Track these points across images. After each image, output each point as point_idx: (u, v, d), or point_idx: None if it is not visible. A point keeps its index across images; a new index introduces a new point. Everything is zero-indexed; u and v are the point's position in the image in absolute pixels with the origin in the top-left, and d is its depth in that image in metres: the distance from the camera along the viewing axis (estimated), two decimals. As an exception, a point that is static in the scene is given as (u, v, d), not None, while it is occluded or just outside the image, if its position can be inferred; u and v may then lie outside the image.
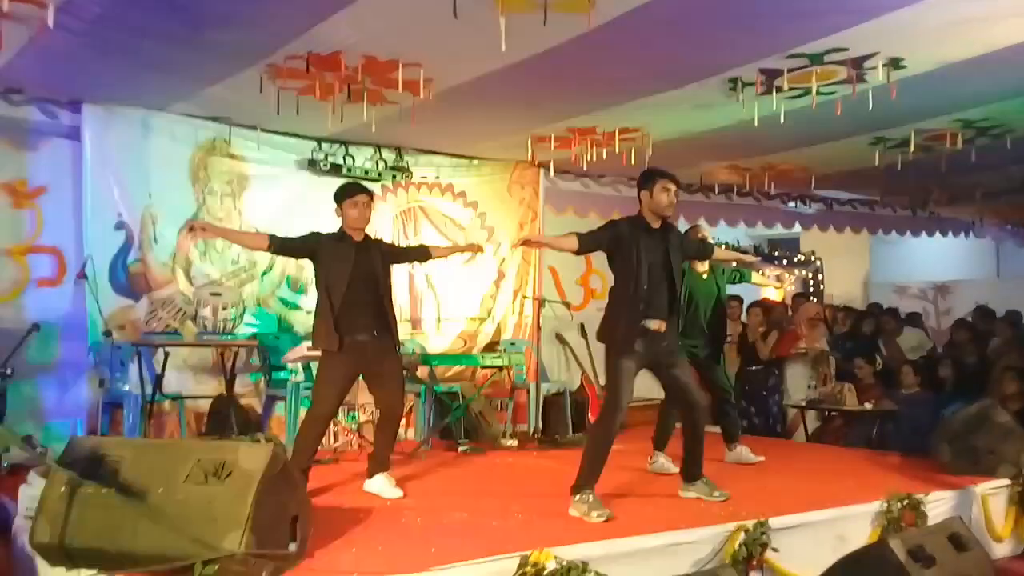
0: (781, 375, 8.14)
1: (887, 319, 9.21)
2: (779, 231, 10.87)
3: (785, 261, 11.67)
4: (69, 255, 6.34)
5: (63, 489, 3.33)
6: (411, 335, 7.80)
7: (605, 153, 7.46)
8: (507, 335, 8.37)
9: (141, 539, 3.18)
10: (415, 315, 7.97)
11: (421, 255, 5.49)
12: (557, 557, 3.40)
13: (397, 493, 4.84)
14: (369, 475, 4.96)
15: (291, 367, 6.43)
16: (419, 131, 6.92)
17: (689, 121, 6.80)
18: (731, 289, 6.41)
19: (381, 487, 4.88)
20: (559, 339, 8.43)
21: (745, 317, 8.30)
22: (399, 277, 7.46)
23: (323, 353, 4.89)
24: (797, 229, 10.90)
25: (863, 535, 4.56)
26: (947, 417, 5.88)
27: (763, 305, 8.47)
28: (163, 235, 6.66)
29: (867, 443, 7.15)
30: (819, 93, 5.79)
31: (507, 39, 4.46)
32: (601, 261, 4.87)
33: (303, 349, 5.94)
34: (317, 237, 4.98)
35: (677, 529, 4.07)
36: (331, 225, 5.13)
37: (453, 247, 6.95)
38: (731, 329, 8.02)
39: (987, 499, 5.19)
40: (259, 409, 6.87)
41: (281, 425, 6.61)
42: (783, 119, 6.12)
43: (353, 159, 7.53)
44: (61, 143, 6.32)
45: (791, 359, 8.14)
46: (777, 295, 10.44)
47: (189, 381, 6.60)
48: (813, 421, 8.03)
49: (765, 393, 8.00)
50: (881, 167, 7.92)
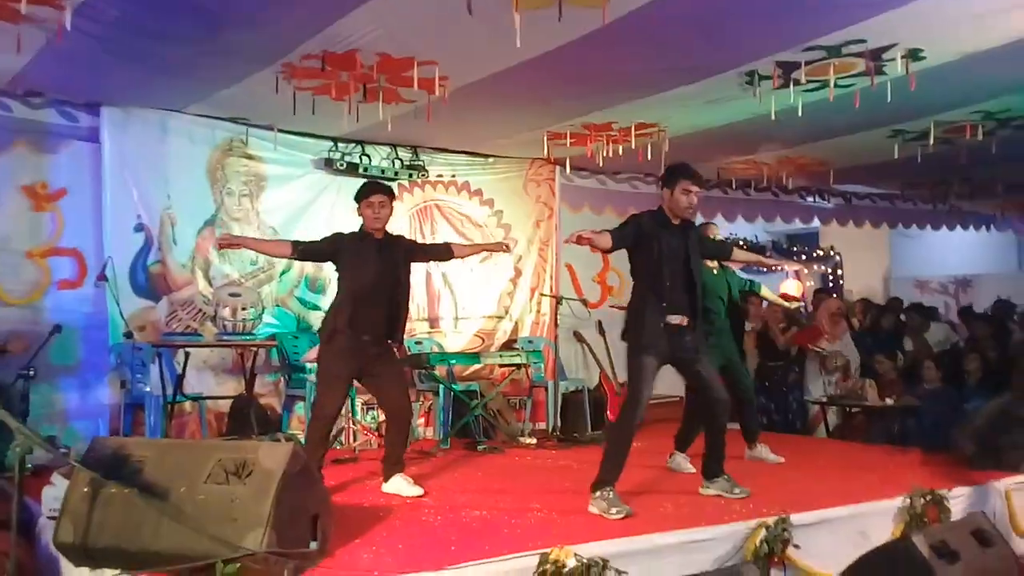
0: (801, 371, 8.09)
1: (912, 314, 9.12)
2: (797, 226, 10.80)
3: (804, 256, 11.60)
4: (89, 257, 6.39)
5: (86, 489, 3.35)
6: (429, 334, 7.81)
7: (621, 149, 7.44)
8: (525, 333, 8.37)
9: (163, 538, 3.19)
10: (433, 313, 7.98)
11: (444, 253, 5.48)
12: (577, 555, 3.39)
13: (417, 491, 4.84)
14: (385, 477, 4.97)
15: (310, 367, 6.45)
16: (434, 129, 6.92)
17: (706, 116, 6.77)
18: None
19: (400, 486, 4.88)
20: (577, 337, 8.42)
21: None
22: (416, 275, 7.47)
23: (322, 351, 4.91)
24: (816, 224, 10.83)
25: (886, 531, 4.52)
26: (970, 412, 5.82)
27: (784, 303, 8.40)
28: (182, 236, 6.71)
29: (889, 439, 7.10)
30: (837, 86, 5.75)
31: (522, 36, 4.45)
32: (618, 259, 4.86)
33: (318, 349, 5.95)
34: (338, 237, 5.01)
35: (698, 526, 4.06)
36: (348, 224, 5.14)
37: (477, 245, 6.93)
38: (748, 325, 8.00)
39: (1011, 494, 5.13)
40: (279, 409, 6.89)
41: (301, 424, 6.63)
42: (800, 112, 6.08)
43: (369, 158, 7.54)
44: (81, 145, 6.37)
45: (812, 355, 8.08)
46: (795, 291, 10.37)
47: (209, 381, 6.64)
48: (834, 417, 7.97)
49: (785, 389, 7.96)
50: (900, 160, 7.85)
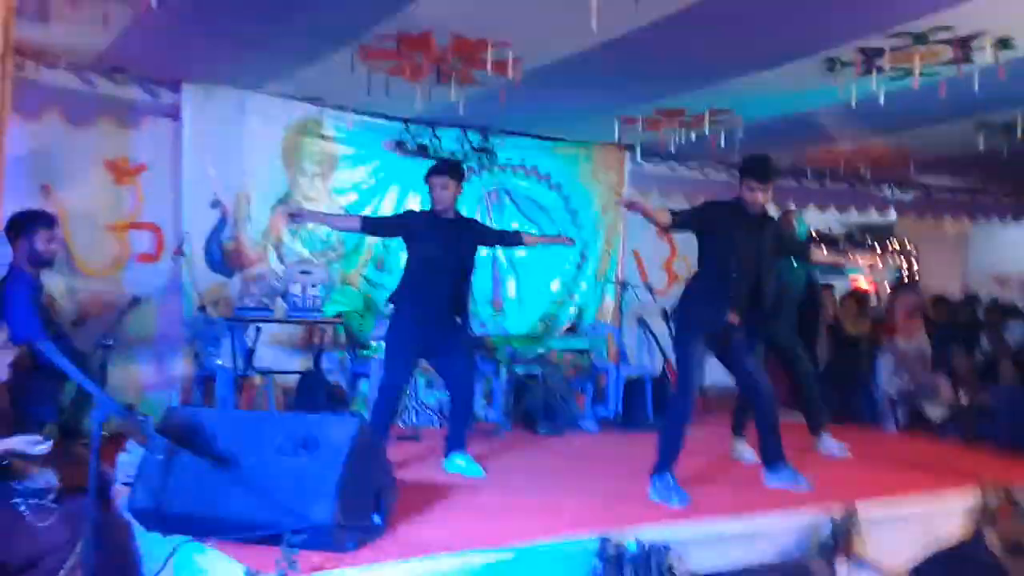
0: (873, 364, 7.90)
1: (991, 310, 8.83)
2: (873, 218, 10.51)
3: (878, 249, 11.32)
4: (167, 231, 6.54)
5: (161, 457, 3.45)
6: (493, 316, 7.84)
7: (694, 135, 7.34)
8: (589, 318, 8.34)
9: (233, 507, 3.28)
10: (497, 296, 8.00)
11: (513, 240, 5.54)
12: (638, 539, 3.38)
13: (478, 471, 4.88)
14: (446, 454, 5.02)
15: (375, 344, 6.54)
16: (506, 112, 6.91)
17: (783, 102, 6.62)
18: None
19: (461, 466, 4.92)
20: (641, 323, 8.35)
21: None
22: (482, 258, 7.51)
23: (393, 325, 4.96)
24: (892, 216, 10.53)
25: (956, 527, 4.39)
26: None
27: (856, 295, 8.23)
28: (256, 214, 6.83)
29: (962, 436, 6.90)
30: (922, 74, 5.57)
31: (597, 18, 4.42)
32: (687, 246, 4.80)
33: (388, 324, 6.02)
34: (409, 214, 5.09)
35: (759, 513, 4.01)
36: (417, 206, 5.19)
37: (543, 237, 6.99)
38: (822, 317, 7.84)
39: (1088, 496, 4.94)
40: (344, 386, 6.99)
41: (364, 402, 6.72)
42: (882, 101, 5.90)
43: (439, 140, 7.57)
44: (162, 122, 6.50)
45: (884, 348, 7.88)
46: (867, 284, 10.14)
47: (279, 356, 6.76)
48: (905, 412, 7.78)
49: (856, 381, 7.79)
50: (985, 152, 7.59)
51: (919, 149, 8.21)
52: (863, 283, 10.36)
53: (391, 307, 5.03)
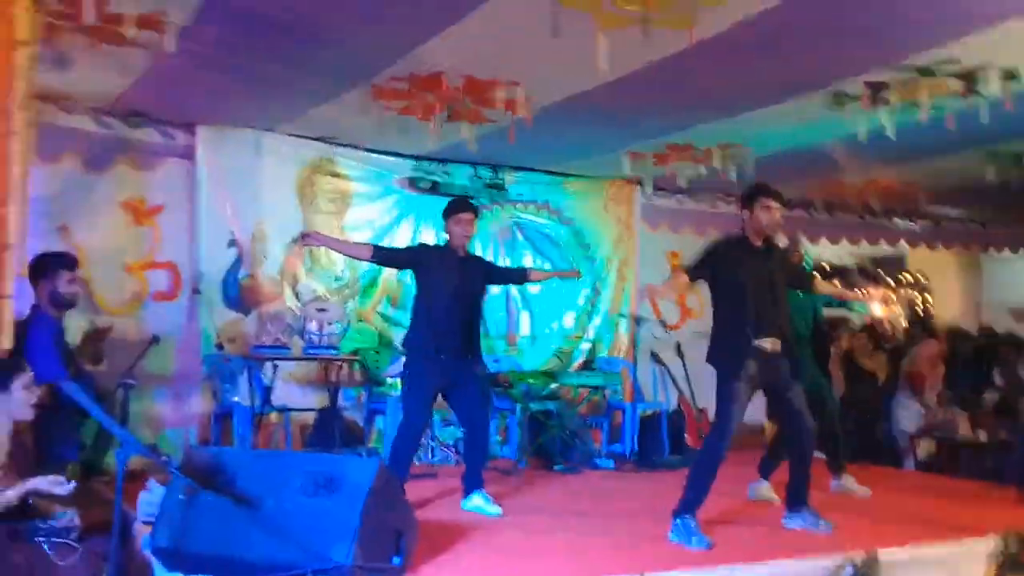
0: (889, 400, 7.85)
1: (1006, 348, 8.75)
2: (884, 249, 10.50)
3: (890, 281, 11.28)
4: (184, 270, 6.60)
5: (182, 496, 3.47)
6: (507, 352, 7.85)
7: (704, 169, 7.38)
8: (603, 354, 8.34)
9: (253, 547, 3.29)
10: (511, 332, 8.01)
11: (519, 277, 5.57)
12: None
13: (497, 511, 4.86)
14: (465, 493, 5.01)
15: (390, 381, 6.55)
16: (516, 149, 6.97)
17: (792, 136, 6.67)
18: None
19: (480, 504, 4.91)
20: (655, 359, 8.34)
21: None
22: (495, 295, 7.54)
23: (410, 364, 4.99)
24: (903, 247, 10.51)
25: (978, 572, 4.34)
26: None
27: (871, 329, 8.19)
28: (272, 252, 6.89)
29: (981, 475, 6.82)
30: (929, 106, 5.60)
31: (606, 56, 4.47)
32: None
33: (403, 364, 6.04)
34: (421, 248, 5.13)
35: (780, 559, 3.97)
36: (429, 241, 5.21)
37: (551, 272, 7.02)
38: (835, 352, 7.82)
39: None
40: (360, 422, 7.00)
41: (382, 439, 6.73)
42: (891, 133, 5.93)
43: (451, 177, 7.64)
44: (177, 163, 6.59)
45: (903, 383, 7.83)
46: (881, 314, 10.09)
47: (295, 394, 6.78)
48: (923, 450, 7.71)
49: (873, 418, 7.73)
50: (995, 183, 7.60)
51: (929, 180, 8.22)
52: (878, 315, 10.30)
53: (412, 343, 5.03)
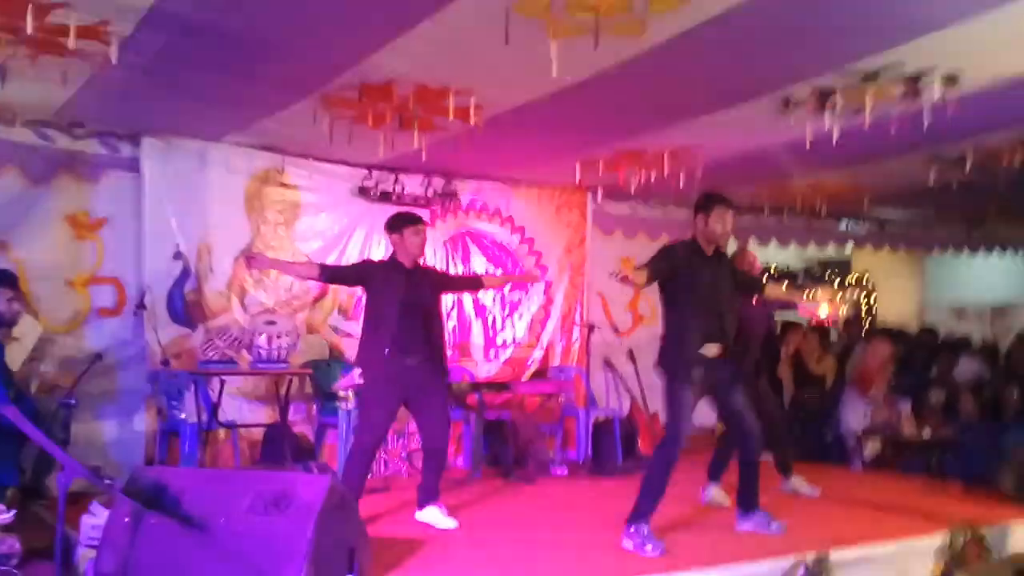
0: (836, 400, 7.99)
1: (944, 354, 8.94)
2: (830, 253, 10.70)
3: (836, 282, 11.50)
4: (128, 285, 6.46)
5: (127, 519, 3.38)
6: (460, 362, 7.82)
7: (654, 176, 7.43)
8: (556, 361, 8.35)
9: (203, 569, 3.21)
10: (463, 341, 7.99)
11: (473, 285, 5.54)
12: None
13: (450, 523, 4.83)
14: (419, 506, 4.97)
15: (342, 394, 6.47)
16: (468, 157, 6.96)
17: (740, 141, 6.75)
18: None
19: (433, 517, 4.87)
20: (608, 365, 8.38)
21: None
22: (447, 303, 7.49)
23: (367, 378, 4.93)
24: (849, 251, 10.71)
25: (926, 569, 4.43)
26: (1010, 446, 5.71)
27: (818, 331, 8.33)
28: (219, 265, 6.77)
29: (926, 471, 6.98)
30: (873, 111, 5.71)
31: (558, 65, 4.48)
32: (649, 287, 4.80)
33: (354, 376, 5.97)
34: (368, 264, 5.06)
35: (734, 563, 4.00)
36: (382, 252, 5.17)
37: (507, 276, 6.98)
38: (784, 353, 7.95)
39: (1055, 531, 5.02)
40: (311, 437, 6.91)
41: (333, 453, 6.64)
42: (836, 138, 6.04)
43: (403, 186, 7.59)
44: (121, 175, 6.44)
45: (849, 385, 7.98)
46: (827, 315, 10.28)
47: (243, 409, 6.68)
48: (869, 448, 7.85)
49: (820, 419, 7.86)
50: (936, 185, 7.78)
51: (872, 183, 8.39)
52: (822, 316, 10.49)
53: (370, 355, 4.96)
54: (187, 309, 6.62)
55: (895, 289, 11.69)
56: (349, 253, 7.29)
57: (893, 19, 4.55)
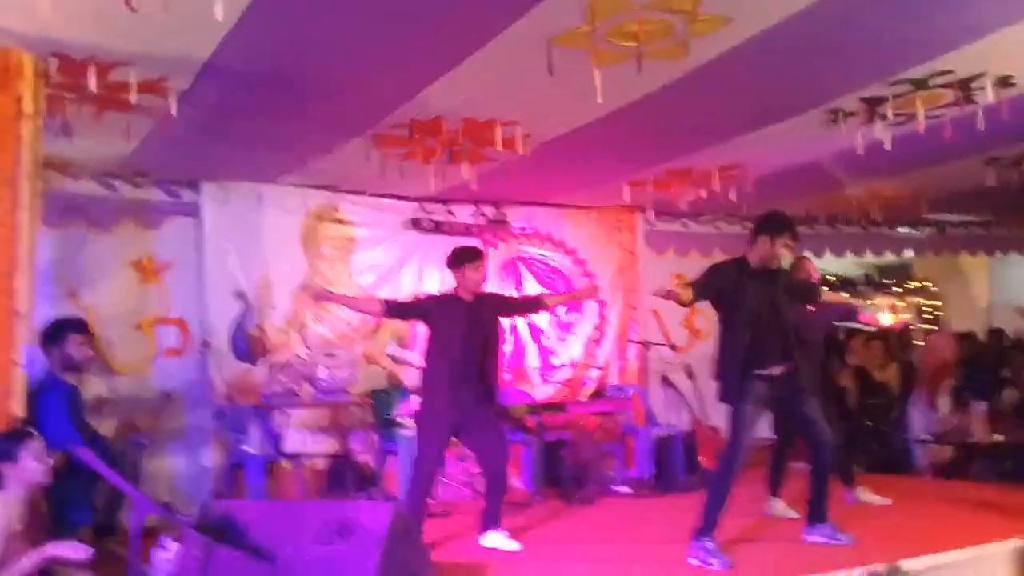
0: (903, 408, 7.83)
1: (1015, 353, 8.71)
2: (888, 258, 10.51)
3: (895, 288, 11.28)
4: (193, 325, 6.65)
5: (198, 553, 3.48)
6: (516, 384, 7.86)
7: (705, 192, 7.42)
8: (613, 380, 8.33)
9: (273, 600, 3.29)
10: (520, 364, 8.03)
11: (535, 305, 5.55)
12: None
13: (514, 546, 4.86)
14: (482, 530, 5.01)
15: (401, 422, 6.56)
16: (517, 184, 7.03)
17: (790, 154, 6.71)
18: None
19: (497, 541, 4.91)
20: (666, 382, 8.34)
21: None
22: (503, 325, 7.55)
23: (422, 408, 5.01)
24: (909, 254, 10.51)
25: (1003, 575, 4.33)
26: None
27: (880, 338, 8.18)
28: (278, 301, 6.94)
29: (998, 477, 6.79)
30: (926, 117, 5.64)
31: (602, 91, 4.54)
32: (704, 302, 4.79)
33: (415, 405, 6.06)
34: (429, 300, 5.16)
35: (803, 575, 3.96)
36: (435, 282, 5.25)
37: (567, 294, 7.02)
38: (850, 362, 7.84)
39: None
40: (373, 465, 7.00)
41: (394, 479, 6.72)
42: (889, 146, 5.97)
43: (454, 216, 7.70)
44: (183, 220, 6.67)
45: (916, 391, 7.81)
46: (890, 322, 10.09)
47: (307, 440, 6.80)
48: (938, 456, 7.67)
49: (888, 427, 7.71)
50: (996, 187, 7.62)
51: (930, 188, 8.24)
52: (884, 323, 10.29)
53: (427, 386, 5.06)
54: (249, 346, 6.78)
55: (960, 293, 11.42)
56: (403, 284, 7.41)
57: (937, 27, 4.51)
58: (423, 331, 5.30)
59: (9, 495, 3.59)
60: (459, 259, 5.10)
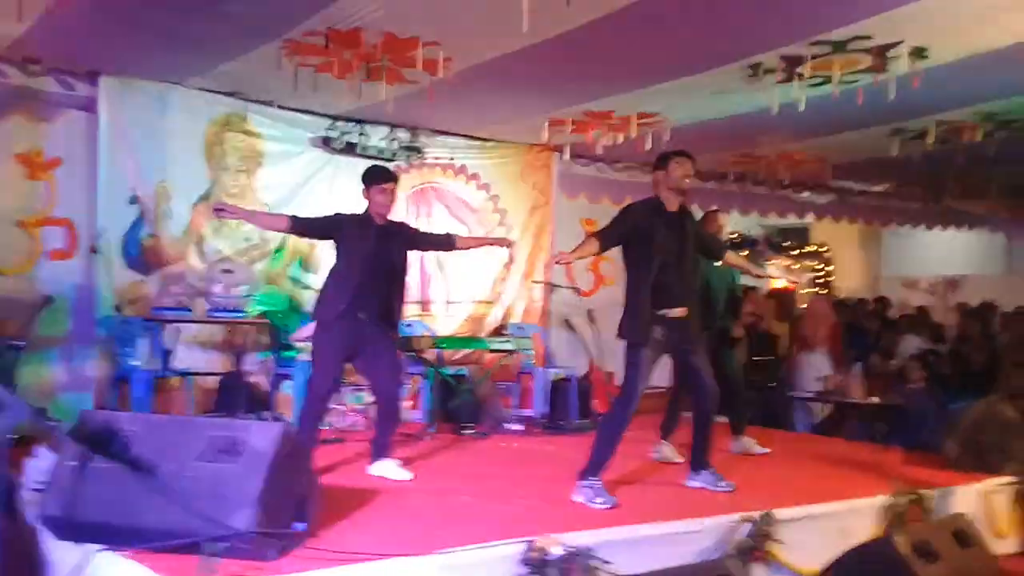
0: (789, 365, 8.14)
1: (888, 333, 9.10)
2: (791, 220, 10.81)
3: (794, 251, 11.63)
4: (81, 228, 6.35)
5: (74, 463, 3.34)
6: (420, 316, 7.81)
7: (621, 138, 7.43)
8: (516, 319, 8.37)
9: (150, 514, 3.19)
10: (424, 296, 7.97)
11: (446, 244, 5.42)
12: (562, 543, 3.40)
13: (404, 475, 4.85)
14: (373, 460, 4.97)
15: (299, 346, 6.44)
16: (434, 111, 6.90)
17: (708, 107, 6.77)
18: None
19: (387, 470, 4.89)
20: (567, 325, 8.43)
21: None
22: (409, 257, 7.45)
23: (318, 330, 4.90)
24: (810, 219, 10.83)
25: (868, 529, 4.55)
26: (954, 413, 5.87)
27: (779, 296, 8.44)
28: (176, 211, 6.67)
29: (872, 437, 7.15)
30: (841, 82, 5.74)
31: (529, 18, 4.44)
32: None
33: (312, 328, 5.93)
34: (340, 218, 4.97)
35: (682, 519, 4.07)
36: (344, 203, 5.10)
37: (481, 239, 6.91)
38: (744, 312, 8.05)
39: (991, 496, 5.18)
40: (266, 387, 6.88)
41: (288, 403, 6.62)
42: (803, 107, 6.07)
43: (368, 138, 7.49)
44: (77, 115, 6.31)
45: (801, 355, 8.13)
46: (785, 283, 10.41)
47: (198, 357, 6.62)
48: (820, 413, 8.03)
49: (773, 383, 8.00)
50: (898, 158, 7.87)
51: (837, 154, 8.47)
52: (779, 285, 10.62)
53: (324, 308, 4.92)
54: (142, 254, 6.52)
55: (852, 260, 11.86)
56: (310, 204, 7.19)
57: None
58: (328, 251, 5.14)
59: None
60: (368, 178, 4.95)
